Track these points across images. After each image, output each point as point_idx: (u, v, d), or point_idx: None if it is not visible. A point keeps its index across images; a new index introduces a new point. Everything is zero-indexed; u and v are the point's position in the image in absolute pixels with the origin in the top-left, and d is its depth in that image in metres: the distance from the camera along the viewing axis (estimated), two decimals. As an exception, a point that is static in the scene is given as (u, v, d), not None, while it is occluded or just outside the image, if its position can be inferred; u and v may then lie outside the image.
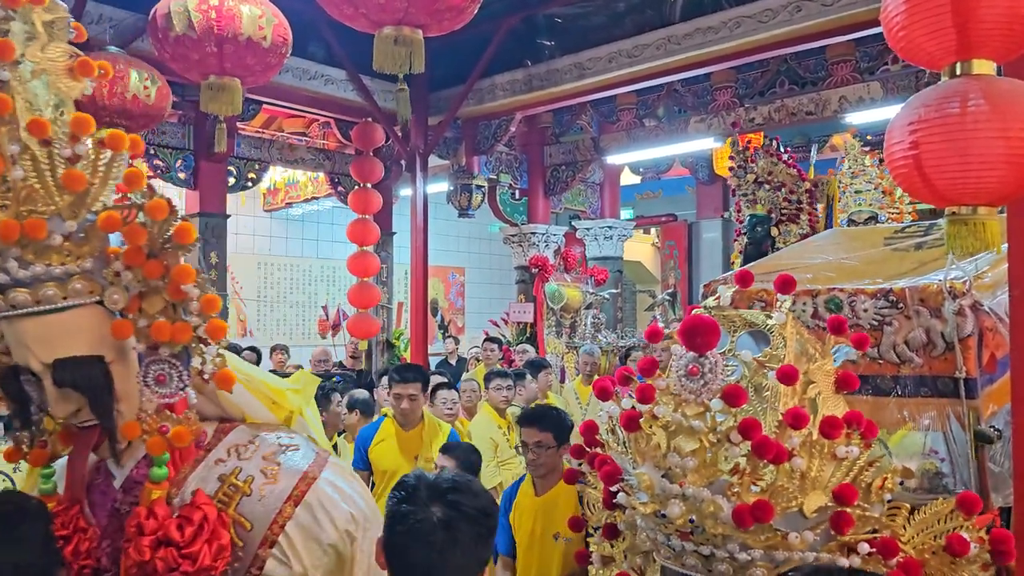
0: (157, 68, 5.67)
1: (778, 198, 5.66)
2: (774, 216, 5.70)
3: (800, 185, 5.61)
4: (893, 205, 7.61)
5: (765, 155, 5.77)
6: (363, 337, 9.41)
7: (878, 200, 7.58)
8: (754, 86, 8.85)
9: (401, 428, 4.88)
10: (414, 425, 4.90)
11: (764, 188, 5.71)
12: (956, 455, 2.69)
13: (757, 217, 5.78)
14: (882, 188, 7.60)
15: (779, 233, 5.65)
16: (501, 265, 16.15)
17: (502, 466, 5.90)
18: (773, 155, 5.79)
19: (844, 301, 2.91)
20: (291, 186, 12.72)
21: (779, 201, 5.66)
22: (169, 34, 4.91)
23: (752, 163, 5.79)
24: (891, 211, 7.58)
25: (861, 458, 1.98)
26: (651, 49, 8.10)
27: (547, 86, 9.02)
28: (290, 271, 13.94)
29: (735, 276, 2.43)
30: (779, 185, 5.64)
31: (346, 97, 9.30)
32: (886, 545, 2.00)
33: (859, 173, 7.70)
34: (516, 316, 10.78)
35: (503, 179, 11.11)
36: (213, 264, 8.94)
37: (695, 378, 1.95)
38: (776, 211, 5.67)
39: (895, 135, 2.16)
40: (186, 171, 8.85)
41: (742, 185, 5.80)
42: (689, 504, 1.91)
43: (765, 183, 5.69)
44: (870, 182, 7.64)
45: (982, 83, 2.07)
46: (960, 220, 2.14)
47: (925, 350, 2.76)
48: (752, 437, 1.86)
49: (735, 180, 5.93)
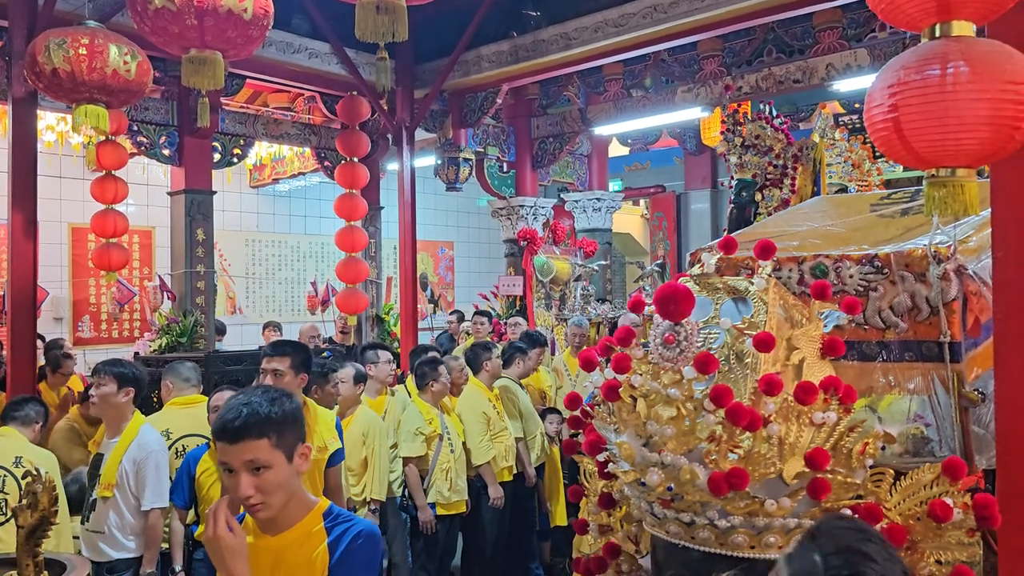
0: (137, 43, 5.59)
1: (764, 163, 5.61)
2: (759, 181, 5.65)
3: (787, 150, 5.55)
4: (862, 178, 7.63)
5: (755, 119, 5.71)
6: (352, 312, 9.37)
7: (847, 172, 7.60)
8: (741, 55, 8.81)
9: None
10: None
11: (751, 152, 5.65)
12: (941, 419, 2.70)
13: (743, 182, 5.73)
14: (851, 161, 7.61)
15: (762, 198, 5.61)
16: (490, 239, 16.12)
17: (494, 439, 5.92)
18: (763, 118, 5.73)
19: (830, 267, 2.91)
20: (277, 162, 12.63)
21: (765, 166, 5.61)
22: (148, 7, 4.82)
23: (741, 127, 5.73)
24: (860, 183, 7.60)
25: (841, 424, 1.98)
26: (637, 18, 8.04)
27: (533, 57, 8.95)
28: (278, 247, 13.88)
29: (719, 243, 2.43)
30: (766, 150, 5.58)
31: (331, 71, 9.22)
32: (870, 511, 2.00)
33: (829, 146, 7.71)
34: (505, 289, 10.75)
35: (490, 152, 11.05)
36: (200, 241, 8.89)
37: (671, 346, 1.94)
38: (761, 176, 5.62)
39: (875, 98, 2.14)
40: (170, 147, 8.77)
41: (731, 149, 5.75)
42: (667, 472, 1.90)
43: (752, 147, 5.63)
44: (840, 155, 7.65)
45: (962, 45, 2.05)
46: (939, 182, 2.13)
47: (910, 315, 2.77)
48: (724, 404, 1.85)
49: (724, 145, 5.88)
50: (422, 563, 5.66)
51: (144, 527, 4.23)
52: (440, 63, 9.41)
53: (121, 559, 4.21)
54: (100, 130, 5.84)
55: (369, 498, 5.39)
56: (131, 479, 4.21)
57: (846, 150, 7.67)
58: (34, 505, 2.87)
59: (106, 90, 5.46)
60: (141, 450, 4.25)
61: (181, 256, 8.85)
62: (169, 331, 8.45)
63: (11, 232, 6.44)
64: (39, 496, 2.88)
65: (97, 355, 9.27)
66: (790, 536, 1.96)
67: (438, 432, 5.66)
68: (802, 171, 6.10)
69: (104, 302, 11.48)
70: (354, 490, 5.33)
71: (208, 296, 8.98)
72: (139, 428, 4.32)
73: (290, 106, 10.95)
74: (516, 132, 11.31)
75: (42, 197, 6.75)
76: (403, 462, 5.59)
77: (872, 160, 8.20)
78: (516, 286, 10.59)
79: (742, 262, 3.04)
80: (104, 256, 8.05)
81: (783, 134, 5.52)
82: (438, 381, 5.75)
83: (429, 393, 5.75)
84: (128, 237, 10.05)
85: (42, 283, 7.28)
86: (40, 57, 5.32)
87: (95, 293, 11.52)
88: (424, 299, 11.66)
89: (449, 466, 5.63)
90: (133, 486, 4.21)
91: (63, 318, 11.18)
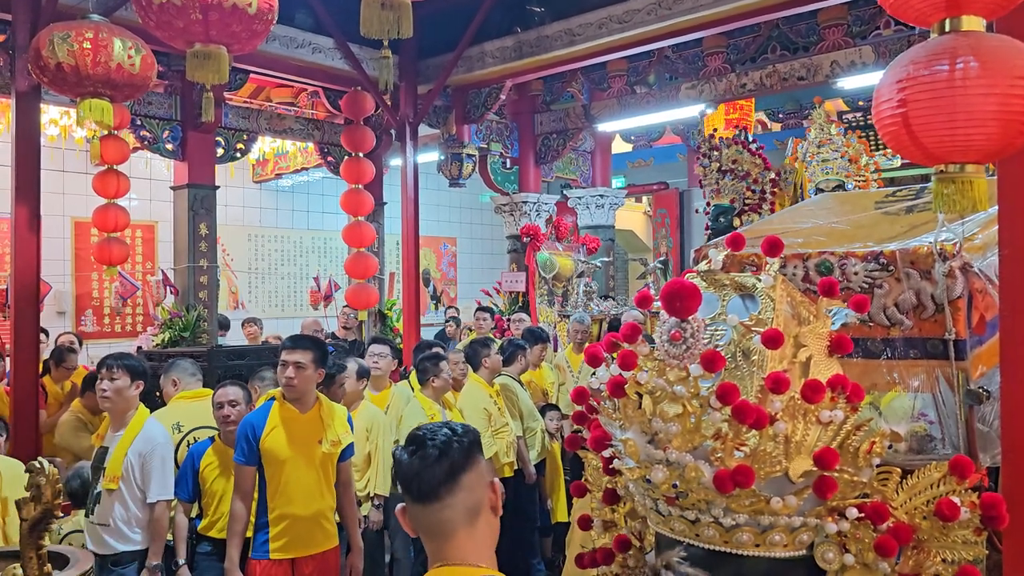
0: (141, 37, 5.58)
1: (742, 187, 5.57)
2: (737, 206, 5.61)
3: (764, 175, 5.50)
4: (859, 173, 7.61)
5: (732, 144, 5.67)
6: (362, 307, 9.38)
7: (844, 168, 7.59)
8: (745, 51, 8.79)
9: (297, 411, 4.15)
10: (310, 405, 4.21)
11: (728, 177, 5.62)
12: (945, 416, 2.69)
13: (721, 207, 5.69)
14: (848, 156, 7.61)
15: (741, 224, 5.56)
16: (492, 235, 16.11)
17: (496, 435, 5.91)
18: (740, 143, 5.69)
19: (835, 264, 2.90)
20: (280, 157, 12.63)
21: (743, 191, 5.57)
22: (153, 1, 4.82)
23: (717, 152, 5.69)
24: (857, 179, 7.58)
25: (848, 422, 1.96)
26: (642, 14, 8.02)
27: (537, 53, 8.93)
28: (280, 242, 13.88)
29: (726, 240, 2.41)
30: (743, 175, 5.54)
31: (334, 66, 9.21)
32: (876, 510, 1.99)
33: (825, 142, 7.71)
34: (508, 285, 10.75)
35: (494, 148, 11.04)
36: (203, 236, 8.89)
37: (677, 343, 1.93)
38: (739, 201, 5.58)
39: (884, 93, 2.13)
40: (174, 142, 8.77)
41: (707, 174, 5.72)
42: (672, 469, 1.89)
43: (730, 172, 5.60)
44: (836, 150, 7.64)
45: (971, 40, 2.04)
46: (948, 178, 2.11)
47: (915, 312, 2.76)
48: (730, 402, 1.84)
49: (701, 170, 5.85)
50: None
51: (149, 520, 4.24)
52: (444, 59, 9.39)
53: (127, 551, 4.22)
54: (103, 124, 5.84)
55: (373, 493, 5.40)
56: (136, 472, 4.21)
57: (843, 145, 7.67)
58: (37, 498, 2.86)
59: (110, 84, 5.46)
60: (147, 443, 4.26)
61: (184, 251, 8.85)
62: (172, 326, 8.46)
63: (14, 226, 6.44)
64: (43, 489, 2.87)
65: (99, 350, 9.29)
66: (795, 535, 1.95)
67: (440, 427, 5.65)
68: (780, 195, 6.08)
69: (107, 296, 11.49)
70: (358, 484, 5.33)
71: (211, 291, 8.98)
72: (144, 421, 4.34)
73: (293, 101, 10.94)
74: (519, 128, 11.29)
75: (45, 191, 6.75)
76: (406, 458, 5.58)
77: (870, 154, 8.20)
78: (519, 282, 10.59)
79: (747, 259, 3.03)
80: (105, 250, 8.05)
81: (760, 159, 5.49)
82: (439, 376, 5.74)
83: (430, 388, 5.74)
84: (131, 232, 10.06)
85: (45, 277, 7.27)
86: (44, 51, 5.32)
87: (98, 287, 11.52)
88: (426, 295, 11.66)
89: (450, 462, 5.61)
90: (138, 479, 4.22)
91: (66, 312, 11.18)
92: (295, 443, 4.08)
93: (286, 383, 4.13)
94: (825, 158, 7.67)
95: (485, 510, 1.70)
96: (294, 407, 4.14)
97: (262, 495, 4.07)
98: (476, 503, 1.68)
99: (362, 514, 5.35)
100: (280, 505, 4.03)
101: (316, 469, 4.13)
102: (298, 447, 4.08)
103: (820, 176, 7.63)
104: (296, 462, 4.06)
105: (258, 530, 4.06)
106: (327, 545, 4.16)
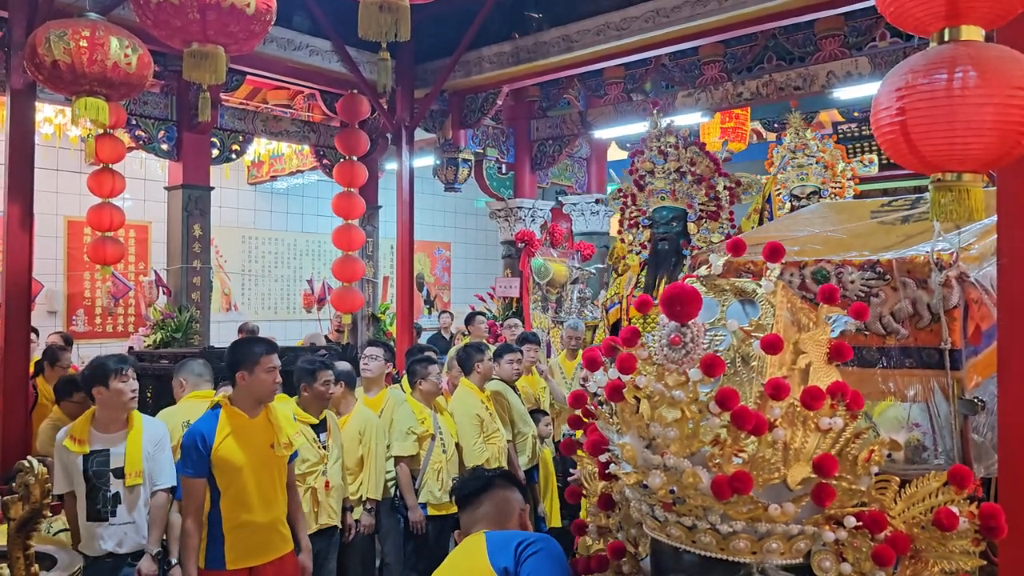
0: (138, 36, 5.57)
1: (699, 192, 5.31)
2: (692, 212, 5.33)
3: (717, 181, 5.24)
4: (835, 179, 7.61)
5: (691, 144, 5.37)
6: (347, 311, 9.35)
7: (820, 174, 7.58)
8: (742, 61, 8.81)
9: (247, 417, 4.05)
10: (260, 410, 4.14)
11: (686, 180, 5.33)
12: (939, 426, 2.69)
13: (675, 210, 5.37)
14: (824, 162, 7.60)
15: (697, 231, 5.29)
16: (487, 240, 16.12)
17: (487, 441, 5.89)
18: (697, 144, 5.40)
19: (831, 272, 2.90)
20: (275, 159, 12.62)
21: (700, 196, 5.31)
22: (150, 0, 4.82)
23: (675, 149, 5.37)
24: (833, 185, 7.57)
25: (847, 430, 1.96)
26: (639, 22, 8.03)
27: (534, 59, 8.94)
28: (275, 245, 13.86)
29: (727, 244, 2.41)
30: (700, 178, 5.27)
31: (331, 68, 9.20)
32: (874, 519, 1.98)
33: (801, 147, 7.70)
34: (502, 291, 10.74)
35: (490, 153, 11.05)
36: (197, 237, 8.87)
37: (677, 348, 1.92)
38: (695, 207, 5.32)
39: (882, 101, 2.13)
40: (169, 142, 8.76)
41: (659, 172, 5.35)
42: (670, 475, 1.88)
43: (688, 174, 5.31)
44: (811, 156, 7.63)
45: (970, 49, 2.04)
46: (945, 186, 2.12)
47: (911, 321, 2.75)
48: (729, 407, 1.83)
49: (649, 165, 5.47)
50: (412, 563, 5.63)
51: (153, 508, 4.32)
52: (441, 63, 9.39)
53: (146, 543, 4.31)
54: (99, 123, 5.82)
55: (366, 497, 5.37)
56: (151, 462, 4.31)
57: (818, 150, 7.66)
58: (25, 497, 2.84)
59: (106, 83, 5.45)
60: (155, 432, 4.39)
61: (177, 252, 8.84)
62: (164, 326, 8.43)
63: (7, 224, 6.41)
64: (31, 488, 2.85)
65: (90, 350, 9.26)
66: (792, 543, 1.94)
67: (430, 432, 5.63)
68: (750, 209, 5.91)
69: (99, 296, 11.45)
70: (351, 488, 5.31)
71: (204, 292, 8.97)
72: (140, 416, 4.42)
73: (289, 103, 10.94)
74: (516, 134, 11.30)
75: (38, 190, 6.72)
76: (395, 461, 5.57)
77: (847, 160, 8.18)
78: (513, 288, 10.58)
79: (743, 266, 3.02)
80: (99, 250, 8.02)
81: (714, 163, 5.27)
82: (427, 380, 5.72)
83: (419, 392, 5.73)
84: (124, 232, 10.02)
85: (36, 276, 7.25)
86: (40, 49, 5.30)
87: (90, 287, 11.48)
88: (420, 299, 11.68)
89: (441, 466, 5.60)
90: (151, 469, 4.31)
91: (57, 311, 11.14)
92: (249, 449, 4.00)
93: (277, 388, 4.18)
94: (800, 163, 7.67)
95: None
96: (244, 413, 4.07)
97: (215, 506, 3.97)
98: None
99: (354, 518, 5.33)
100: (238, 514, 3.95)
101: (271, 473, 4.09)
102: (252, 453, 4.01)
103: (795, 182, 7.61)
104: (252, 468, 3.99)
105: (210, 542, 3.96)
106: (284, 549, 4.11)
